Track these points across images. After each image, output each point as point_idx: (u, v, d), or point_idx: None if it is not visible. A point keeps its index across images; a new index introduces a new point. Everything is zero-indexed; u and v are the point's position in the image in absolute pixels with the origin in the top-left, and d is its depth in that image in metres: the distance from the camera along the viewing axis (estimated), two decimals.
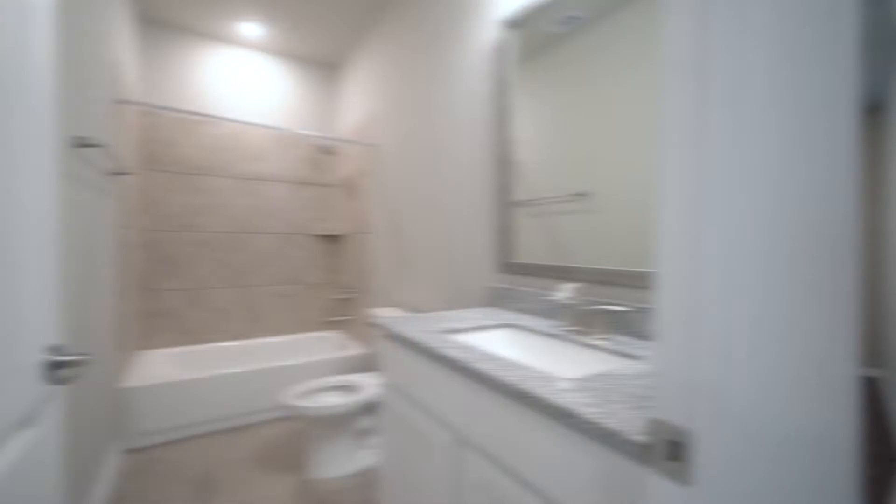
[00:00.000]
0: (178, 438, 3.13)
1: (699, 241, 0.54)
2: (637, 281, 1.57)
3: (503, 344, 1.81)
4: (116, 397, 2.85)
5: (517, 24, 2.12)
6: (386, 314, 3.04)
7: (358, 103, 4.27)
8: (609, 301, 1.67)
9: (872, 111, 1.01)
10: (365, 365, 4.01)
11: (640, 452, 0.75)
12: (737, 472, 0.51)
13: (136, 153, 3.54)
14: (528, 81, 2.11)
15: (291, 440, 3.16)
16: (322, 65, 4.76)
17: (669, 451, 0.57)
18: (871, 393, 1.02)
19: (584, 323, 1.64)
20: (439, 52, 2.83)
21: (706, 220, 0.54)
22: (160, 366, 3.57)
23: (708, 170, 0.54)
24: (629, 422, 0.83)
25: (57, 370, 0.93)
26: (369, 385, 2.86)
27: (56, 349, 0.94)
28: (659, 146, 0.59)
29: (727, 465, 0.52)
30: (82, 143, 1.92)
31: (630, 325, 1.58)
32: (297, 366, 3.64)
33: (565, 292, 1.56)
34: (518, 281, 2.17)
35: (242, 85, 4.28)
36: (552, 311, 1.92)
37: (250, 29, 3.94)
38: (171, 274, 3.91)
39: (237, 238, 4.23)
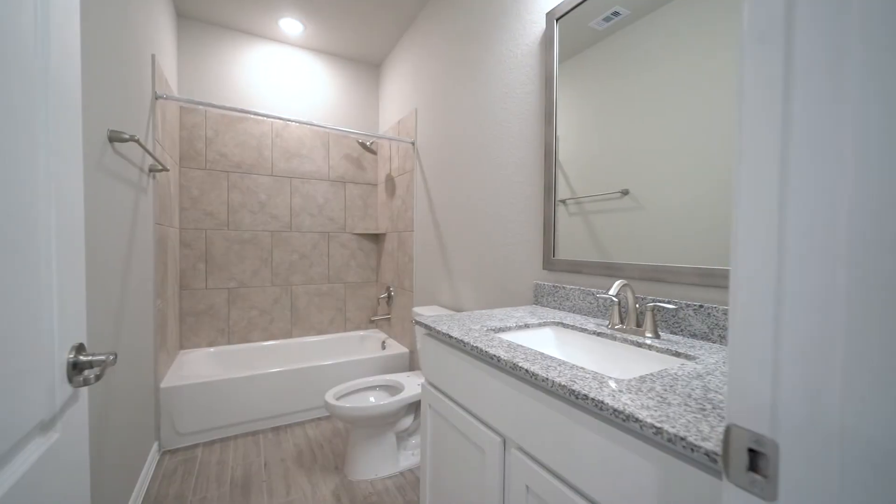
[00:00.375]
0: (217, 439, 3.18)
1: (785, 234, 0.48)
2: (686, 277, 1.50)
3: (549, 343, 1.75)
4: (155, 397, 2.90)
5: (564, 15, 2.06)
6: (428, 312, 3.01)
7: (399, 101, 4.27)
8: (658, 298, 1.60)
9: None
10: (407, 364, 4.01)
11: (709, 461, 0.69)
12: (829, 488, 0.45)
13: (175, 150, 3.63)
14: (568, 80, 2.07)
15: (332, 440, 3.16)
16: (363, 63, 4.77)
17: (749, 461, 0.51)
18: None
19: (632, 321, 1.57)
20: (483, 46, 2.78)
21: (792, 209, 0.48)
22: (200, 365, 3.64)
23: (795, 146, 0.48)
24: (693, 426, 0.77)
25: (82, 371, 0.91)
26: (411, 385, 2.84)
27: (81, 349, 0.92)
28: (736, 126, 0.53)
29: (817, 479, 0.46)
30: (119, 138, 1.93)
31: (681, 322, 1.51)
32: (339, 365, 3.66)
33: (613, 289, 1.49)
34: (563, 278, 2.11)
35: (283, 82, 4.32)
36: (599, 308, 1.86)
37: (291, 25, 3.97)
38: (211, 272, 3.97)
39: (278, 236, 4.27)
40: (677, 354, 1.31)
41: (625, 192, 1.78)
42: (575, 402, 1.02)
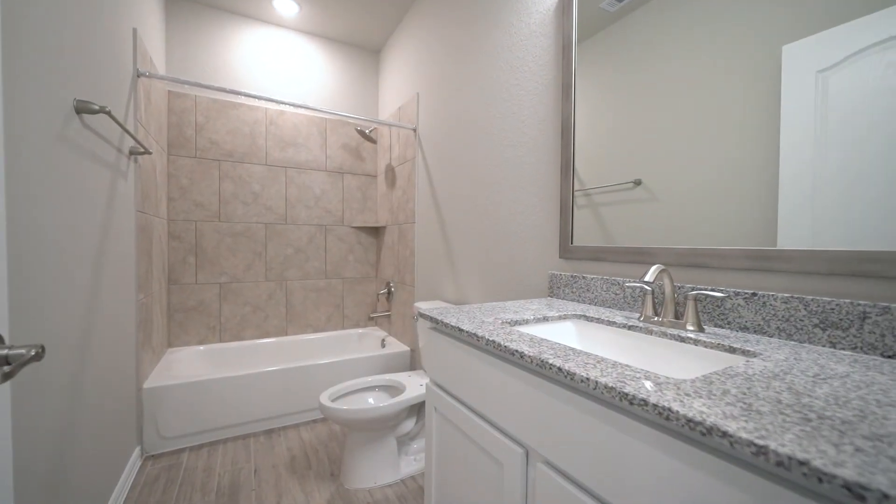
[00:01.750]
0: (204, 443, 2.97)
1: None
2: (734, 261, 1.30)
3: (571, 338, 1.55)
4: (138, 398, 2.68)
5: None
6: (431, 307, 2.82)
7: (399, 87, 4.07)
8: (699, 286, 1.39)
9: None
10: (408, 363, 3.82)
11: (851, 497, 0.48)
12: None
13: (163, 136, 3.41)
14: (579, 65, 1.93)
15: (328, 445, 2.96)
16: (361, 48, 4.57)
17: None
18: None
19: (669, 312, 1.37)
20: (491, 20, 2.58)
21: None
22: (189, 364, 3.44)
23: None
24: (807, 444, 0.56)
25: None
26: (413, 385, 2.64)
27: None
28: None
29: None
30: (87, 109, 1.72)
31: (727, 314, 1.31)
32: (335, 364, 3.45)
33: (649, 275, 1.28)
34: (582, 267, 1.90)
35: (277, 68, 4.11)
36: (626, 300, 1.65)
37: (285, 6, 3.75)
38: (201, 266, 3.75)
39: (272, 229, 4.06)
40: (732, 350, 1.10)
41: (637, 183, 1.64)
42: (627, 410, 0.81)
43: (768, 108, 1.23)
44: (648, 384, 0.79)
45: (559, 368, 0.92)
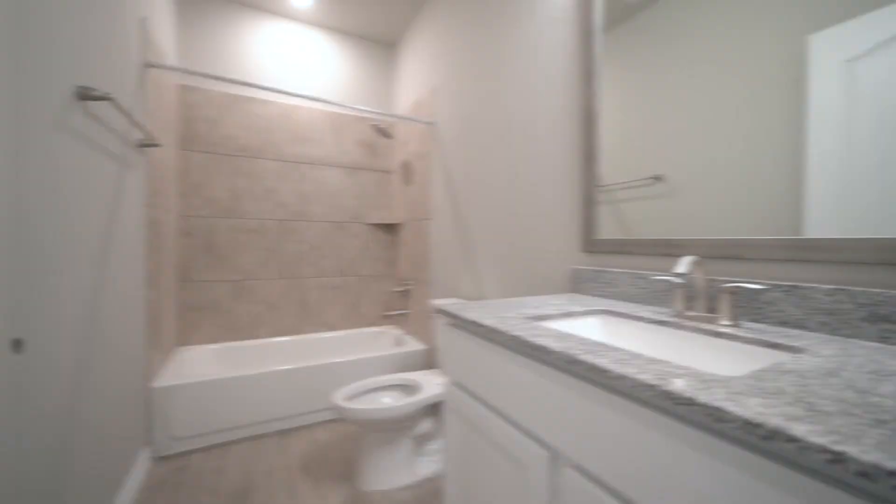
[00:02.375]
0: (215, 444, 2.91)
1: None
2: (772, 252, 1.22)
3: (599, 334, 1.47)
4: (146, 398, 2.63)
5: None
6: (449, 303, 2.75)
7: (416, 81, 3.99)
8: (734, 279, 1.31)
9: None
10: (424, 362, 3.74)
11: None
12: None
13: (174, 131, 3.37)
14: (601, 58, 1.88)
15: (343, 446, 2.89)
16: (377, 42, 4.50)
17: None
18: None
19: (702, 306, 1.28)
20: (512, 9, 2.49)
21: None
22: (200, 363, 3.40)
23: None
24: (892, 450, 0.48)
25: None
26: (430, 384, 2.58)
27: None
28: None
29: None
30: (90, 95, 1.65)
31: (764, 308, 1.22)
32: (351, 363, 3.39)
33: (682, 266, 1.20)
34: (607, 261, 1.82)
35: (291, 62, 4.05)
36: (653, 295, 1.57)
37: None
38: (214, 264, 3.70)
39: (286, 226, 4.00)
40: (774, 346, 1.02)
41: (657, 178, 1.58)
42: (670, 410, 0.73)
43: (794, 98, 1.17)
44: (693, 382, 0.71)
45: (591, 365, 0.85)
